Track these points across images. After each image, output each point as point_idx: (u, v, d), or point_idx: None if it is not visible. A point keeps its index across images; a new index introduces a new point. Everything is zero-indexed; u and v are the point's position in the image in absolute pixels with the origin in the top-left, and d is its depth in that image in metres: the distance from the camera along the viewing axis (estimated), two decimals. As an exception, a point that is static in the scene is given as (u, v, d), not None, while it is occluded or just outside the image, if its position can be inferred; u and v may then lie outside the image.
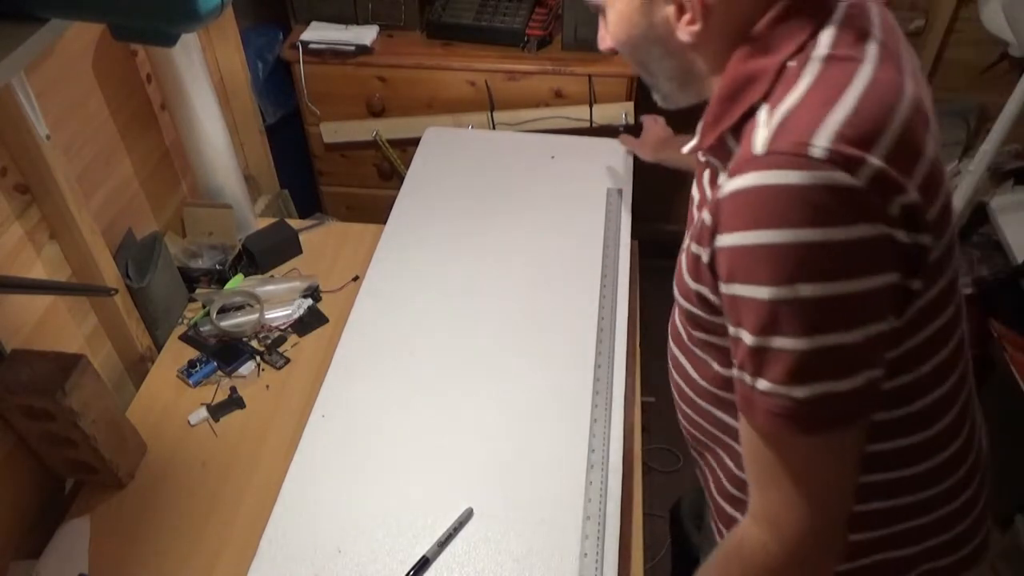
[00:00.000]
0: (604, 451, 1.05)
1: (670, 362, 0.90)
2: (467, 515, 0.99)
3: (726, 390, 0.78)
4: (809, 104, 0.60)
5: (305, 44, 1.79)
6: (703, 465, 0.94)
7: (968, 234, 2.00)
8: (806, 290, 0.57)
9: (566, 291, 1.29)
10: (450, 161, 1.58)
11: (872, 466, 0.74)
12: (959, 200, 1.90)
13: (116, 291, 1.17)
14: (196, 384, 1.22)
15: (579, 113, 1.80)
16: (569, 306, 1.26)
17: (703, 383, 0.82)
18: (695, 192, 0.79)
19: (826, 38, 0.63)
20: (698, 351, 0.81)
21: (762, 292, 0.59)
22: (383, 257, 1.36)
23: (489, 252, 1.37)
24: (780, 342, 0.59)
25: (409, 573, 0.94)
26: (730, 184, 0.60)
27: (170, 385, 1.23)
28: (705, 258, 0.66)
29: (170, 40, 0.67)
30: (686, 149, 0.74)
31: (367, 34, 1.81)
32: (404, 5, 1.85)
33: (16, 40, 0.63)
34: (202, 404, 1.19)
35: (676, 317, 0.84)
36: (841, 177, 0.56)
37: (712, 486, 0.91)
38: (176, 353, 1.28)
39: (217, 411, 1.18)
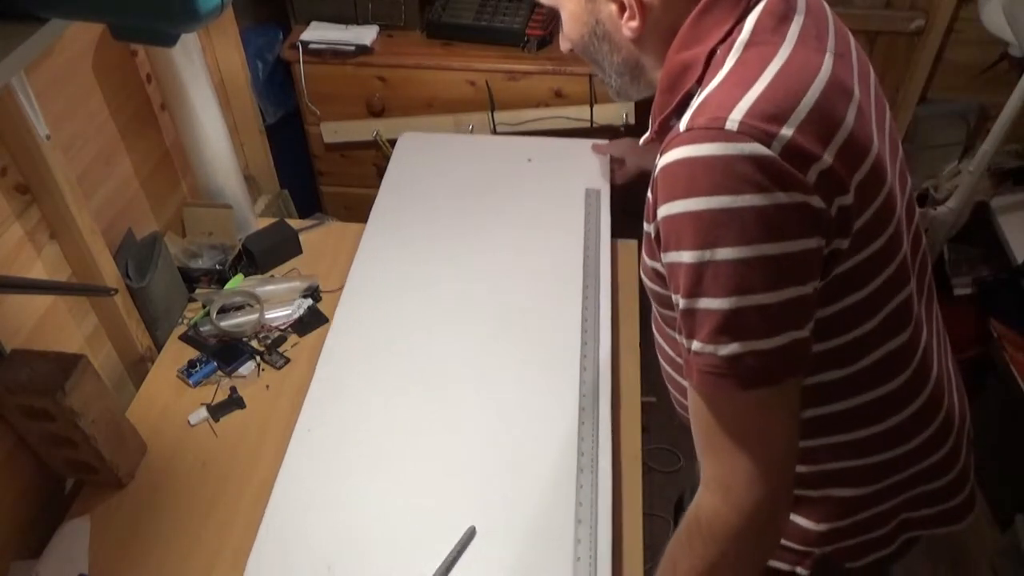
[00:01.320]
0: (593, 453, 1.05)
1: (656, 348, 0.93)
2: (470, 534, 0.97)
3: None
4: (726, 85, 0.65)
5: (305, 44, 1.79)
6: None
7: (968, 234, 2.00)
8: (724, 253, 0.62)
9: (549, 293, 1.29)
10: (426, 168, 1.57)
11: (838, 425, 0.79)
12: (959, 200, 1.90)
13: (116, 291, 1.17)
14: (196, 384, 1.22)
15: (579, 113, 1.80)
16: (553, 308, 1.26)
17: (679, 360, 0.85)
18: None
19: (749, 24, 0.68)
20: (668, 329, 0.85)
21: (686, 256, 0.64)
22: (361, 267, 1.35)
23: (469, 257, 1.36)
24: (705, 303, 0.64)
25: None
26: (659, 161, 0.66)
27: (170, 385, 1.23)
28: (652, 233, 0.71)
29: (170, 40, 0.67)
30: (642, 141, 0.80)
31: (367, 34, 1.81)
32: (404, 5, 1.85)
33: (16, 40, 0.63)
34: (202, 404, 1.19)
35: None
36: (755, 148, 0.61)
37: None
38: (176, 353, 1.28)
39: (217, 411, 1.18)
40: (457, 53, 1.82)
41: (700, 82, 0.69)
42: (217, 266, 1.39)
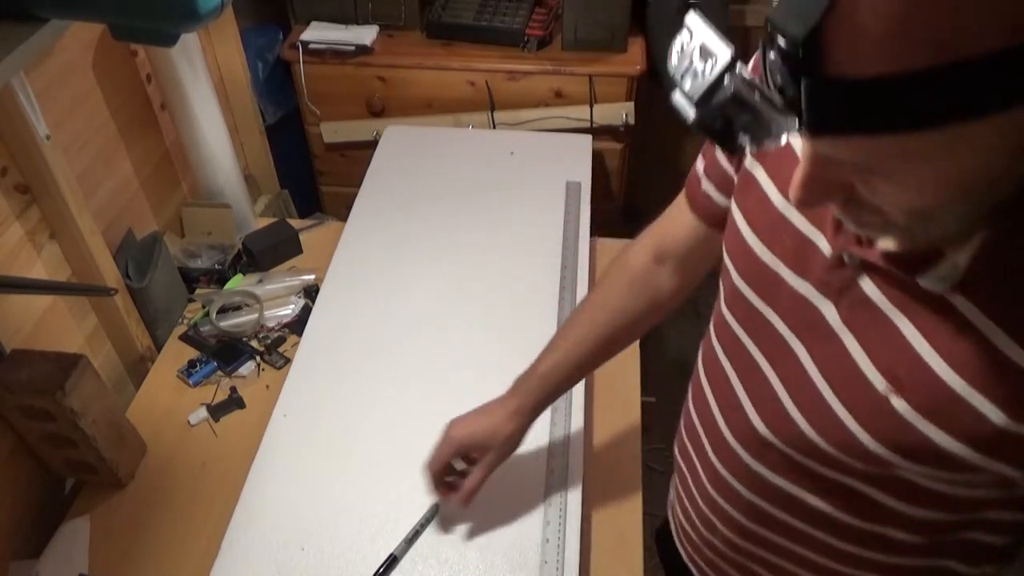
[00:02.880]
0: (565, 439, 1.07)
1: (754, 495, 0.74)
2: (433, 511, 1.00)
3: (881, 523, 0.67)
4: None
5: (305, 44, 1.79)
6: None
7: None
8: None
9: (527, 284, 1.30)
10: (409, 161, 1.58)
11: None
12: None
13: (116, 291, 1.17)
14: (196, 384, 1.22)
15: (579, 113, 1.80)
16: (531, 296, 1.28)
17: (840, 515, 0.68)
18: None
19: None
20: (850, 481, 0.65)
21: None
22: (342, 258, 1.36)
23: (449, 249, 1.38)
24: None
25: (378, 572, 0.94)
26: None
27: (170, 385, 1.23)
28: None
29: (170, 40, 0.67)
30: (941, 285, 0.53)
31: (367, 34, 1.81)
32: (404, 5, 1.85)
33: (16, 40, 0.63)
34: (202, 404, 1.19)
35: (789, 448, 0.68)
36: None
37: None
38: (176, 353, 1.28)
39: (217, 411, 1.18)
40: (457, 53, 1.82)
41: None
42: (216, 266, 1.39)
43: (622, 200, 2.03)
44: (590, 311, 0.91)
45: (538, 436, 1.07)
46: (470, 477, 0.92)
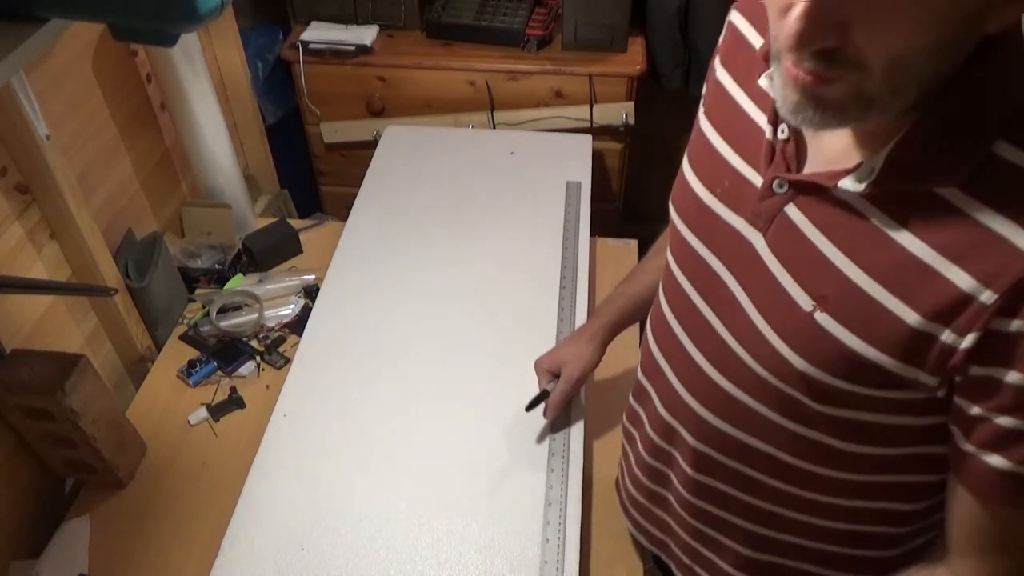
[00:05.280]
0: (565, 438, 1.07)
1: (701, 441, 0.77)
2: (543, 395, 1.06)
3: (822, 464, 0.70)
4: None
5: (305, 44, 1.79)
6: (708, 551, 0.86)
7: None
8: None
9: (528, 283, 1.31)
10: (410, 160, 1.59)
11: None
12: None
13: (116, 291, 1.17)
14: (196, 384, 1.22)
15: (579, 113, 1.80)
16: (531, 296, 1.28)
17: (785, 457, 0.72)
18: (823, 246, 0.60)
19: None
20: (793, 425, 0.69)
21: None
22: (342, 258, 1.36)
23: (449, 249, 1.38)
24: None
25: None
26: None
27: (170, 385, 1.23)
28: (960, 341, 0.54)
29: (170, 40, 0.67)
30: (858, 186, 0.56)
31: (367, 34, 1.81)
32: (404, 5, 1.85)
33: (16, 40, 0.63)
34: (202, 404, 1.19)
35: (740, 392, 0.71)
36: None
37: (727, 564, 0.85)
38: (176, 353, 1.28)
39: (217, 411, 1.18)
40: (457, 53, 1.82)
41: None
42: (216, 266, 1.39)
43: (622, 200, 2.03)
44: (660, 252, 0.97)
45: (538, 436, 1.08)
46: (554, 392, 1.07)
